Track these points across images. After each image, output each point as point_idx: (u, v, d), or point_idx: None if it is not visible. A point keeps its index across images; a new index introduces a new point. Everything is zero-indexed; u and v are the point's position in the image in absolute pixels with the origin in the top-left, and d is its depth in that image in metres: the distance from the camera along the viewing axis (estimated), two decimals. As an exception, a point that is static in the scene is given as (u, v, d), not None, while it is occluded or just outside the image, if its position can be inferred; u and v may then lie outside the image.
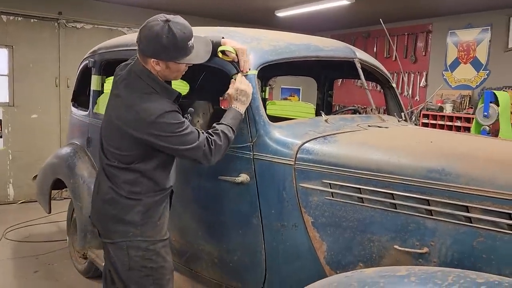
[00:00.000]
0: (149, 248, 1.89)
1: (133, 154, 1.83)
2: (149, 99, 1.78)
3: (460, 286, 1.16)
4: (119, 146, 1.85)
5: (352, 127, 2.10)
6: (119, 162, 1.86)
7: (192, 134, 1.79)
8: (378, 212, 1.68)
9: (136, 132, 1.76)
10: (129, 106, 1.78)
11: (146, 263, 1.88)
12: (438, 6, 5.80)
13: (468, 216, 1.49)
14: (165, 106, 1.77)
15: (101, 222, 1.96)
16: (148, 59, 1.80)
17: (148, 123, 1.73)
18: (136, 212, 1.87)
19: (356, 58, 2.43)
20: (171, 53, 1.76)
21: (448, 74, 6.34)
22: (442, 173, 1.55)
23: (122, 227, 1.88)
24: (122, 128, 1.80)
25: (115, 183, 1.87)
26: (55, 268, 3.62)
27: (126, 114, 1.79)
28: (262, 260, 2.02)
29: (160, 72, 1.83)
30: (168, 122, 1.75)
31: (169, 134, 1.74)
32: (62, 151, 3.54)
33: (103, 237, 1.97)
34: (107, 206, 1.90)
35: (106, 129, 1.92)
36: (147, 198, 1.88)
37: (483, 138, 2.20)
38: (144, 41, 1.78)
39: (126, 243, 1.87)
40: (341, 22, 7.08)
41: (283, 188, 1.91)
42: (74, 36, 5.99)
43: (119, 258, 1.90)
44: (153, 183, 1.88)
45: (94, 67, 3.14)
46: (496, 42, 5.77)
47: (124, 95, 1.83)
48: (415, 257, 1.60)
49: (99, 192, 1.94)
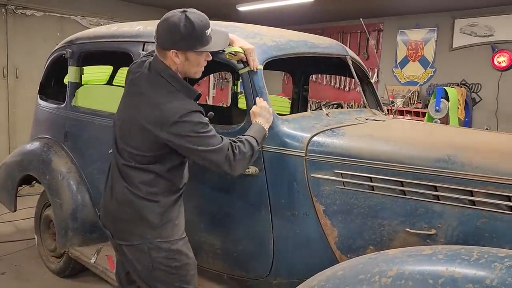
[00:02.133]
0: (171, 249, 1.88)
1: (152, 154, 1.81)
2: (174, 98, 1.76)
3: (486, 260, 1.31)
4: (139, 146, 1.81)
5: (352, 120, 2.24)
6: (136, 163, 1.82)
7: (216, 137, 1.78)
8: (389, 198, 1.82)
9: (160, 132, 1.73)
10: (154, 105, 1.75)
11: (170, 263, 1.87)
12: (389, 7, 6.16)
13: (472, 200, 1.67)
14: (191, 106, 1.77)
15: (115, 224, 1.91)
16: (167, 52, 1.78)
17: (173, 122, 1.71)
18: (155, 214, 1.84)
19: (348, 55, 2.57)
20: (189, 41, 1.76)
21: (398, 70, 6.75)
22: (448, 162, 1.72)
23: (139, 230, 1.85)
24: (145, 127, 1.76)
25: (132, 184, 1.83)
26: (24, 269, 3.44)
27: (150, 113, 1.75)
28: (270, 249, 2.10)
29: (180, 66, 1.81)
30: (193, 121, 1.74)
31: (193, 134, 1.73)
32: (30, 146, 3.37)
33: (117, 239, 1.91)
34: (123, 208, 1.86)
35: (123, 128, 1.86)
36: (164, 199, 1.86)
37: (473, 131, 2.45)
38: (162, 34, 1.77)
39: (147, 245, 1.84)
40: (299, 18, 7.28)
41: (293, 179, 1.99)
42: (23, 23, 5.63)
43: (140, 260, 1.87)
44: (169, 183, 1.87)
45: (72, 58, 3.02)
46: (442, 42, 6.24)
47: (147, 93, 1.79)
48: (423, 238, 1.76)
49: (113, 193, 1.89)
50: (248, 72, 2.07)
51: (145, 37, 2.50)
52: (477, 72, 5.96)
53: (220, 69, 4.60)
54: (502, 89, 5.73)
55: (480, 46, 5.93)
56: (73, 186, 2.96)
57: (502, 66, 5.68)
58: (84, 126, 2.93)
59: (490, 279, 1.22)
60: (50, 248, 3.30)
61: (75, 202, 2.93)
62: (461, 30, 6.06)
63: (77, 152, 3.02)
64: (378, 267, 1.43)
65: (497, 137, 2.13)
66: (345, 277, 1.43)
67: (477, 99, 6.00)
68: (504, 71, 5.71)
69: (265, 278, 2.14)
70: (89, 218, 2.94)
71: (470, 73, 6.03)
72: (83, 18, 6.15)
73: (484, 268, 1.26)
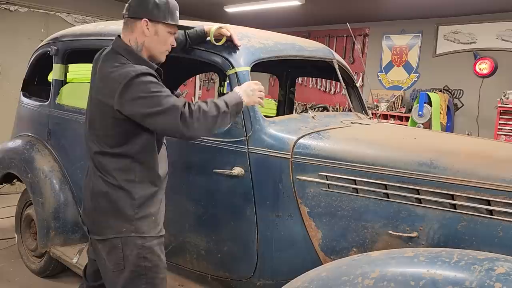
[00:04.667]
0: (144, 245, 1.78)
1: (116, 133, 1.74)
2: (124, 66, 1.70)
3: (466, 262, 1.34)
4: (102, 126, 1.76)
5: (338, 124, 2.26)
6: (106, 146, 1.76)
7: (170, 97, 1.66)
8: (372, 201, 1.85)
9: (112, 100, 1.66)
10: (104, 77, 1.72)
11: (140, 262, 1.77)
12: (375, 12, 6.24)
13: (453, 203, 1.71)
14: (140, 68, 1.68)
15: (90, 217, 1.85)
16: (138, 22, 1.78)
17: (123, 85, 1.63)
18: (130, 205, 1.76)
19: (334, 59, 2.60)
20: (162, 12, 1.78)
21: (382, 75, 6.84)
22: (431, 166, 1.76)
23: (114, 222, 1.77)
24: (101, 102, 1.73)
25: (106, 172, 1.77)
26: (3, 269, 3.37)
27: (101, 85, 1.73)
28: (254, 250, 2.10)
29: (147, 40, 1.79)
30: (144, 81, 1.64)
31: (144, 94, 1.62)
32: (11, 144, 3.31)
33: (92, 233, 1.85)
34: (98, 199, 1.79)
35: (90, 113, 1.84)
36: (141, 190, 1.78)
37: (455, 136, 2.50)
38: (135, 3, 1.80)
39: (121, 240, 1.76)
40: (286, 21, 7.32)
41: (279, 181, 2.01)
42: (7, 19, 5.54)
43: (112, 257, 1.78)
44: (146, 170, 1.80)
45: (57, 55, 2.98)
46: (426, 47, 6.35)
47: (100, 70, 1.77)
48: (405, 241, 1.79)
49: (89, 186, 1.84)
50: (236, 74, 2.08)
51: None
52: (459, 78, 6.08)
53: (207, 69, 4.60)
54: (483, 95, 5.86)
55: (463, 53, 6.05)
56: (55, 185, 2.92)
57: (484, 73, 5.81)
58: (68, 124, 2.89)
59: (469, 281, 1.25)
60: (31, 248, 3.26)
61: (57, 201, 2.89)
62: (445, 36, 6.18)
63: (60, 150, 2.99)
64: (361, 269, 1.45)
65: (478, 142, 2.18)
66: (328, 279, 1.45)
67: (459, 104, 6.12)
68: (485, 78, 5.84)
69: (249, 279, 2.15)
70: (72, 217, 2.90)
71: (452, 79, 6.14)
72: (68, 15, 6.07)
73: (464, 271, 1.29)
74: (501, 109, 5.31)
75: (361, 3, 5.71)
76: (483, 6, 5.41)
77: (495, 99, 5.52)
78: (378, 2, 5.60)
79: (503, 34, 5.70)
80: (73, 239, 2.90)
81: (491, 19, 5.75)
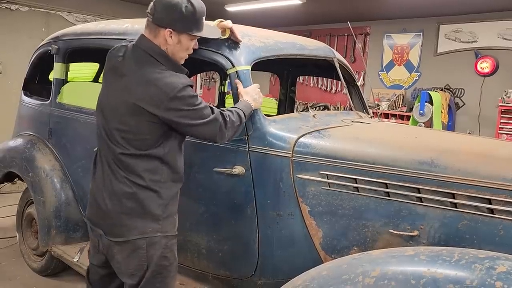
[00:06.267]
0: (167, 245, 1.81)
1: (151, 136, 1.75)
2: (167, 74, 1.74)
3: (467, 261, 1.34)
4: (135, 130, 1.74)
5: (338, 122, 2.26)
6: (136, 149, 1.75)
7: (207, 108, 1.79)
8: (373, 200, 1.85)
9: (157, 109, 1.69)
10: (147, 82, 1.71)
11: (161, 261, 1.80)
12: (376, 11, 6.23)
13: (454, 202, 1.70)
14: (185, 80, 1.76)
15: (108, 219, 1.80)
16: (162, 30, 1.75)
17: (171, 97, 1.68)
18: (159, 205, 1.78)
19: (335, 58, 2.60)
20: (188, 23, 1.76)
21: (383, 74, 6.84)
22: (432, 165, 1.75)
23: (140, 223, 1.76)
24: (139, 107, 1.70)
25: (132, 173, 1.75)
26: (4, 267, 3.38)
27: (143, 91, 1.70)
28: (255, 249, 2.11)
29: (170, 48, 1.78)
30: (189, 95, 1.73)
31: (191, 108, 1.72)
32: (12, 143, 3.32)
33: (110, 235, 1.80)
34: (122, 200, 1.76)
35: (115, 115, 1.78)
36: (167, 190, 1.81)
37: (456, 135, 2.49)
38: (160, 10, 1.74)
39: (146, 241, 1.76)
40: (286, 20, 7.31)
41: (280, 179, 2.01)
42: (8, 18, 5.55)
43: (133, 259, 1.78)
44: (172, 170, 1.82)
45: (58, 54, 2.98)
46: (427, 46, 6.34)
47: (136, 73, 1.75)
48: (406, 240, 1.79)
49: (108, 187, 1.79)
50: (237, 72, 2.08)
51: (132, 35, 2.47)
52: (460, 77, 6.07)
53: (207, 68, 4.60)
54: (484, 94, 5.85)
55: (464, 51, 6.04)
56: (56, 184, 2.92)
57: (485, 72, 5.79)
58: (69, 123, 2.89)
59: (470, 280, 1.25)
60: (32, 247, 3.26)
61: (58, 200, 2.89)
62: (446, 35, 6.17)
63: (61, 149, 2.99)
64: (361, 268, 1.45)
65: (479, 141, 2.18)
66: (329, 277, 1.45)
67: (460, 103, 6.11)
68: (486, 77, 5.83)
69: (250, 278, 2.15)
70: (73, 216, 2.90)
71: (453, 78, 6.13)
72: (69, 14, 6.08)
73: (465, 269, 1.29)
74: (502, 108, 5.30)
75: (362, 2, 5.71)
76: (484, 5, 5.40)
77: (497, 98, 5.50)
78: (379, 1, 5.60)
79: (504, 33, 5.68)
80: (74, 237, 2.91)
81: (493, 18, 5.74)
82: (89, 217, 1.92)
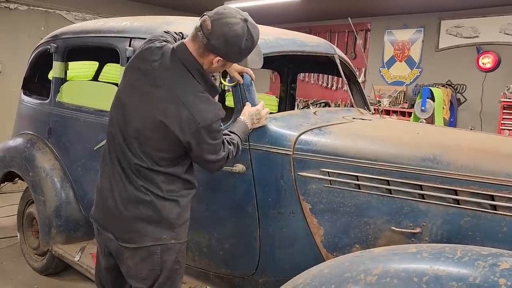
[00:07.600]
0: (180, 250, 1.81)
1: (171, 155, 1.72)
2: (202, 100, 1.69)
3: (470, 258, 1.33)
4: (159, 147, 1.69)
5: (339, 119, 2.24)
6: (153, 164, 1.70)
7: (222, 143, 1.77)
8: (375, 197, 1.83)
9: (181, 133, 1.65)
10: (180, 104, 1.64)
11: (174, 266, 1.80)
12: (376, 7, 6.20)
13: (457, 199, 1.69)
14: (220, 112, 1.73)
15: (122, 225, 1.75)
16: (212, 55, 1.67)
17: (199, 127, 1.65)
18: (175, 213, 1.76)
19: (336, 54, 2.58)
20: (242, 56, 1.73)
21: (384, 70, 6.81)
22: (434, 161, 1.74)
23: (156, 230, 1.73)
24: (167, 127, 1.65)
25: (150, 182, 1.72)
26: (5, 267, 3.38)
27: (175, 111, 1.64)
28: (257, 247, 2.09)
29: (212, 68, 1.72)
30: (217, 129, 1.72)
31: (212, 141, 1.71)
32: (12, 142, 3.31)
33: (123, 241, 1.75)
34: (137, 207, 1.72)
35: (136, 123, 1.70)
36: (183, 198, 1.79)
37: (458, 131, 2.48)
38: (219, 38, 1.61)
39: (160, 247, 1.74)
40: (287, 17, 7.28)
41: (280, 177, 1.99)
42: (7, 17, 5.54)
43: (146, 264, 1.75)
44: (187, 181, 1.81)
45: (57, 53, 2.97)
46: (428, 42, 6.31)
47: (171, 88, 1.67)
48: (408, 237, 1.77)
49: (121, 193, 1.74)
50: None
51: (131, 32, 2.47)
52: (462, 73, 6.04)
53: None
54: (486, 90, 5.82)
55: (465, 47, 6.01)
56: (57, 183, 2.92)
57: (487, 67, 5.77)
58: (68, 122, 2.88)
59: (473, 277, 1.23)
60: (33, 246, 3.25)
61: (59, 199, 2.89)
62: (447, 31, 6.14)
63: (61, 148, 2.98)
64: (363, 265, 1.44)
65: (481, 137, 2.16)
66: (331, 275, 1.44)
67: (462, 99, 6.09)
68: (488, 72, 5.80)
69: (251, 276, 2.14)
70: (73, 215, 2.90)
71: (455, 74, 6.10)
72: (68, 12, 6.07)
73: (467, 266, 1.28)
74: (504, 103, 5.28)
75: (363, -2, 5.69)
76: (486, 0, 5.36)
77: (498, 93, 5.48)
78: (380, -3, 5.57)
79: (506, 28, 5.65)
80: (75, 237, 2.90)
81: (494, 13, 5.71)
82: (96, 219, 1.87)
